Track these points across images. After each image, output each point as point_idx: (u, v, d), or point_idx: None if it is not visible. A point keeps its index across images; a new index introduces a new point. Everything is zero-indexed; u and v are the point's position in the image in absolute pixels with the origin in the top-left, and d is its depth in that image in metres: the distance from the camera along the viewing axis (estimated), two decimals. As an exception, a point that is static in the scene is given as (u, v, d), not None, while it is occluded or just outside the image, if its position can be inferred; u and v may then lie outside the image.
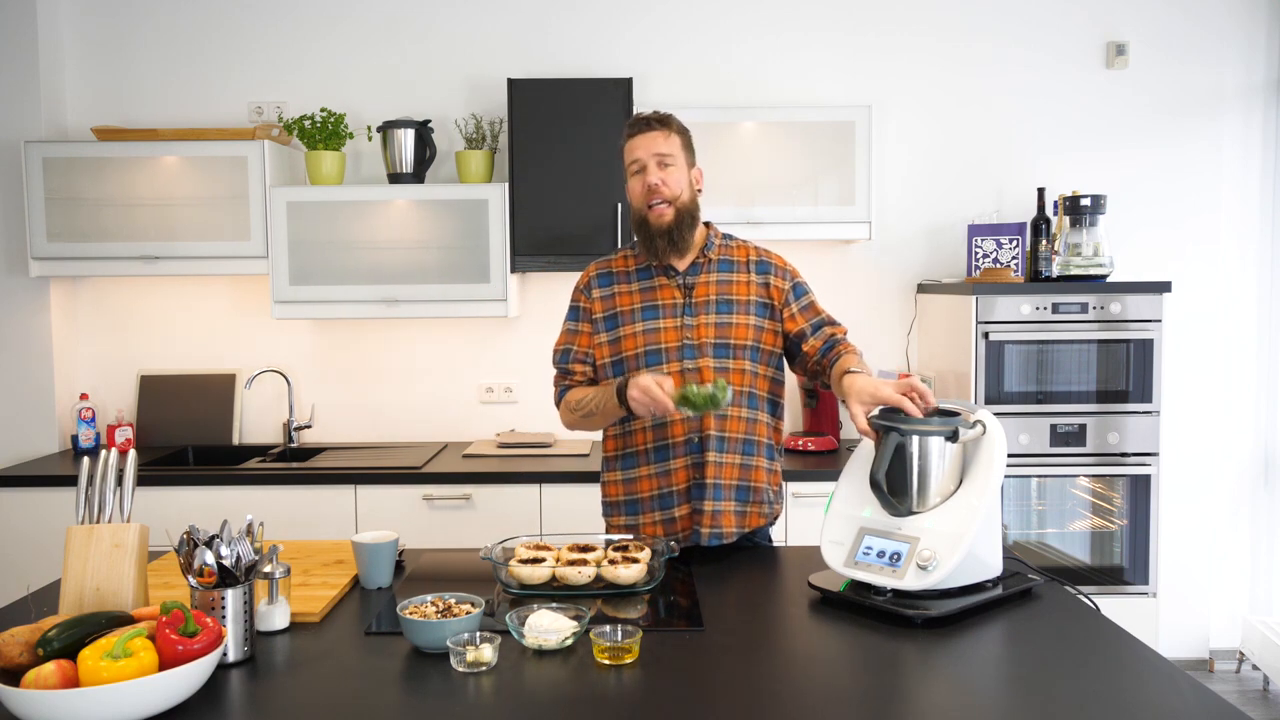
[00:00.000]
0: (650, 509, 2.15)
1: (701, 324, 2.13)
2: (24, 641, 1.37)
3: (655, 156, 2.10)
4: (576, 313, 2.23)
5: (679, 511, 2.13)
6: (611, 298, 2.19)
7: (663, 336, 2.13)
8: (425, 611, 1.57)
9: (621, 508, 2.19)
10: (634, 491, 2.17)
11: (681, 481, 2.12)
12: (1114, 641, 1.58)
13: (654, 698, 1.39)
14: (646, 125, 2.11)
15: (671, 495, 2.13)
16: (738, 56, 3.70)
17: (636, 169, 2.12)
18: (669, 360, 2.11)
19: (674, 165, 2.12)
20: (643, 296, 2.17)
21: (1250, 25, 3.68)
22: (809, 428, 3.62)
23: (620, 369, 2.15)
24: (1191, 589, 3.73)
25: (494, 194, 3.39)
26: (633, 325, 2.15)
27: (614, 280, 2.21)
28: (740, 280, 2.17)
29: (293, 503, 3.15)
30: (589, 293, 2.22)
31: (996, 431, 1.78)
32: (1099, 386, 3.27)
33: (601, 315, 2.19)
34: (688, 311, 2.13)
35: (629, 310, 2.16)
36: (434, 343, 3.76)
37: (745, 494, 2.15)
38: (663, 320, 2.14)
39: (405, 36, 3.70)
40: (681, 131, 2.16)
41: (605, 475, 2.23)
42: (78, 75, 3.69)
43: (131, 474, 1.66)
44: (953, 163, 3.73)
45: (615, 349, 2.16)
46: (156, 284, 3.74)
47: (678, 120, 2.17)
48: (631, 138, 2.13)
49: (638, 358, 2.13)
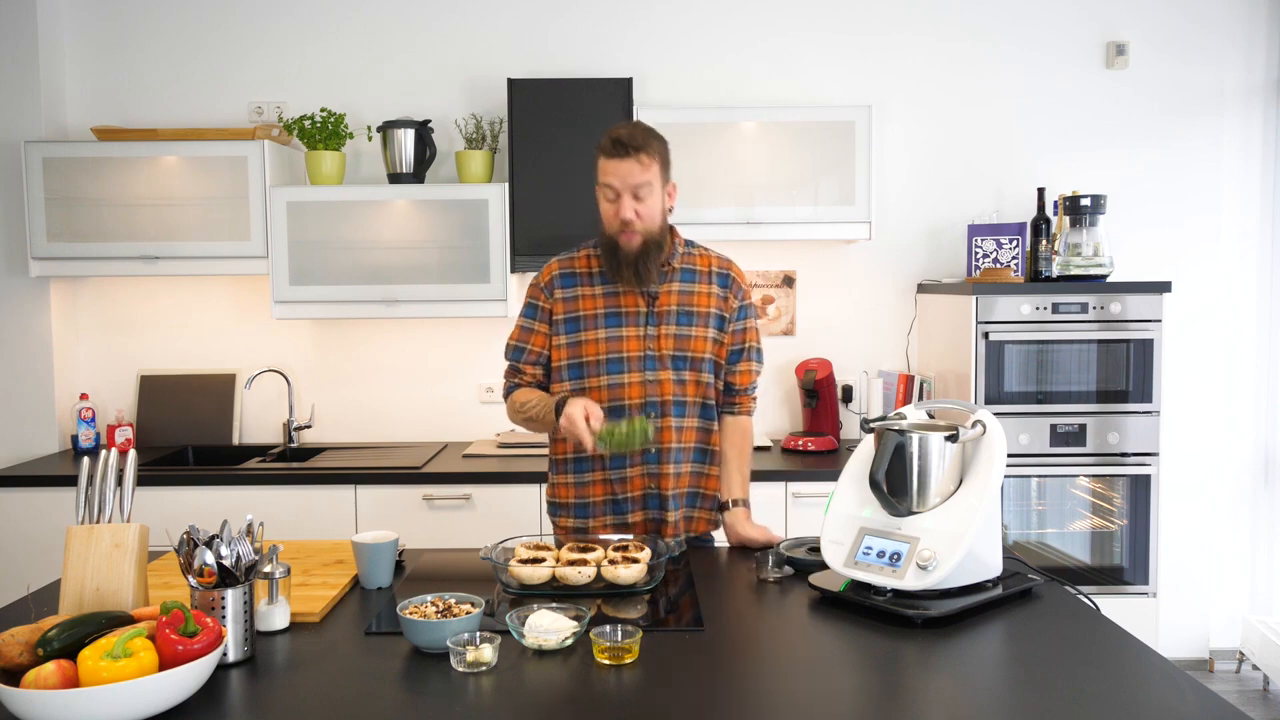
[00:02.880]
0: (601, 513, 2.17)
1: (663, 334, 2.13)
2: (24, 641, 1.37)
3: (631, 188, 2.04)
4: (534, 311, 2.19)
5: (632, 518, 2.15)
6: (574, 300, 2.16)
7: (625, 345, 2.12)
8: (425, 611, 1.57)
9: (570, 510, 2.19)
10: (585, 495, 2.17)
11: (636, 489, 2.15)
12: (1114, 641, 1.58)
13: (654, 698, 1.39)
14: (624, 152, 2.02)
15: (625, 501, 2.15)
16: (738, 56, 3.70)
17: (611, 196, 2.07)
18: (630, 369, 2.11)
19: (650, 196, 2.06)
20: (606, 302, 2.14)
21: (1250, 25, 3.68)
22: (809, 428, 3.62)
23: (579, 373, 2.14)
24: (1191, 589, 3.73)
25: (494, 194, 3.39)
26: (595, 331, 2.13)
27: (577, 281, 2.17)
28: (701, 291, 2.17)
29: (293, 503, 3.15)
30: (550, 292, 2.18)
31: (996, 431, 1.78)
32: (1099, 386, 3.26)
33: (562, 317, 2.16)
34: (650, 321, 2.13)
35: (591, 315, 2.14)
36: (434, 343, 3.76)
37: (694, 500, 2.20)
38: (625, 329, 2.12)
39: (405, 36, 3.70)
40: (660, 152, 2.07)
41: (555, 477, 2.22)
42: (78, 75, 3.69)
43: (131, 474, 1.66)
44: (953, 163, 3.73)
45: (575, 352, 2.14)
46: (156, 284, 3.74)
47: (656, 139, 2.07)
48: (608, 160, 2.05)
49: (599, 364, 2.12)
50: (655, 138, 2.08)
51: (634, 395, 2.11)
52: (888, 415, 1.91)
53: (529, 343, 2.20)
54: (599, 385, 2.12)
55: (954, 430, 1.76)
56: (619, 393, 2.10)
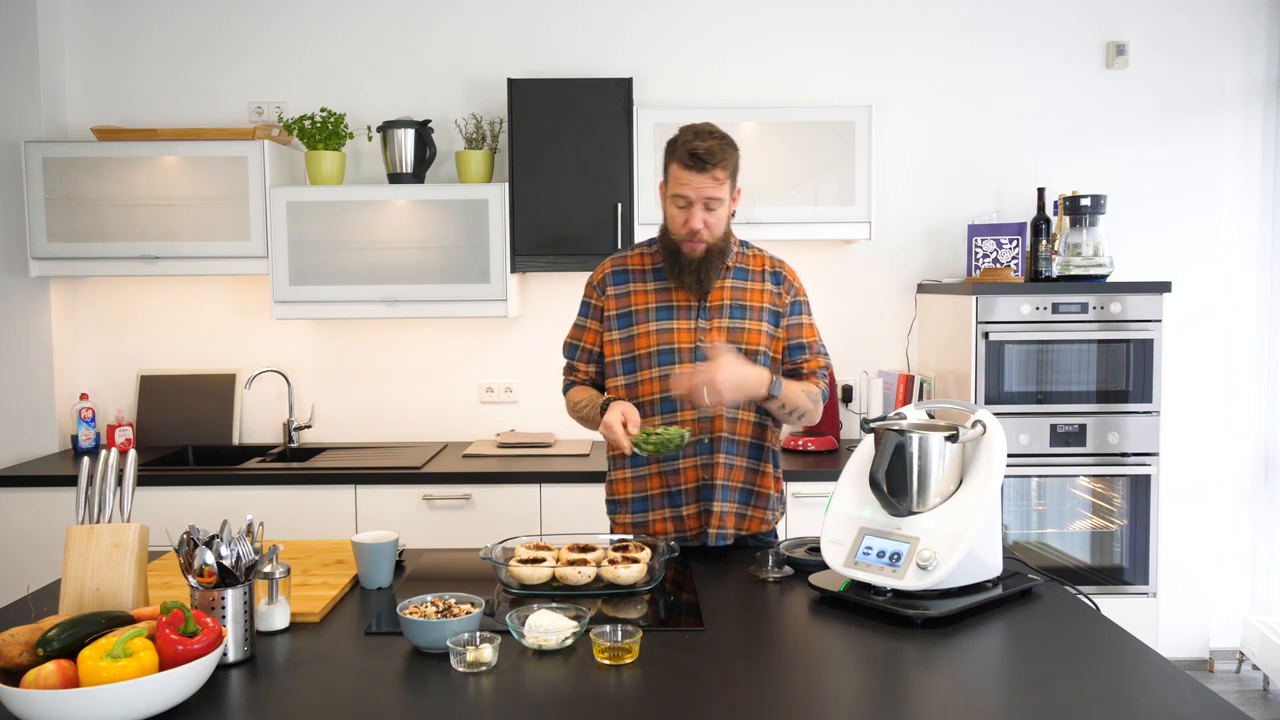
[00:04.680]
0: (659, 506, 2.17)
1: (715, 327, 2.13)
2: (24, 641, 1.37)
3: (704, 199, 2.04)
4: (587, 309, 2.24)
5: (687, 510, 2.15)
6: (626, 295, 2.18)
7: (676, 337, 2.13)
8: (425, 611, 1.57)
9: (629, 505, 2.20)
10: (643, 489, 2.18)
11: (690, 481, 2.14)
12: (1114, 641, 1.58)
13: (654, 698, 1.39)
14: (702, 166, 2.01)
15: (680, 494, 2.15)
16: (737, 56, 3.70)
17: (682, 204, 2.06)
18: (681, 360, 2.11)
19: (720, 207, 2.06)
20: (658, 297, 2.16)
21: (1250, 25, 3.68)
22: (809, 428, 3.61)
23: (632, 367, 2.16)
24: (1191, 589, 3.73)
25: (494, 194, 3.39)
26: (646, 324, 2.15)
27: (629, 278, 2.20)
28: (755, 288, 2.18)
29: (293, 503, 3.15)
30: (603, 290, 2.22)
31: (996, 431, 1.78)
32: (1099, 386, 3.26)
33: (615, 313, 2.19)
34: (702, 314, 2.14)
35: (644, 309, 2.16)
36: (434, 343, 3.76)
37: (748, 497, 2.19)
38: (676, 321, 2.14)
39: (405, 36, 3.70)
40: (734, 164, 2.07)
41: (613, 474, 2.24)
42: (78, 75, 3.69)
43: (131, 474, 1.66)
44: (953, 163, 3.73)
45: (628, 346, 2.16)
46: (156, 284, 3.74)
47: (732, 150, 2.06)
48: (685, 170, 2.03)
49: (650, 356, 2.14)
50: (731, 148, 2.06)
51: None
52: (888, 415, 1.91)
53: (581, 340, 2.24)
54: (650, 377, 2.13)
55: (954, 430, 1.76)
56: (670, 384, 2.11)
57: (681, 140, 2.05)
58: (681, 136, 2.06)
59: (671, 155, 2.07)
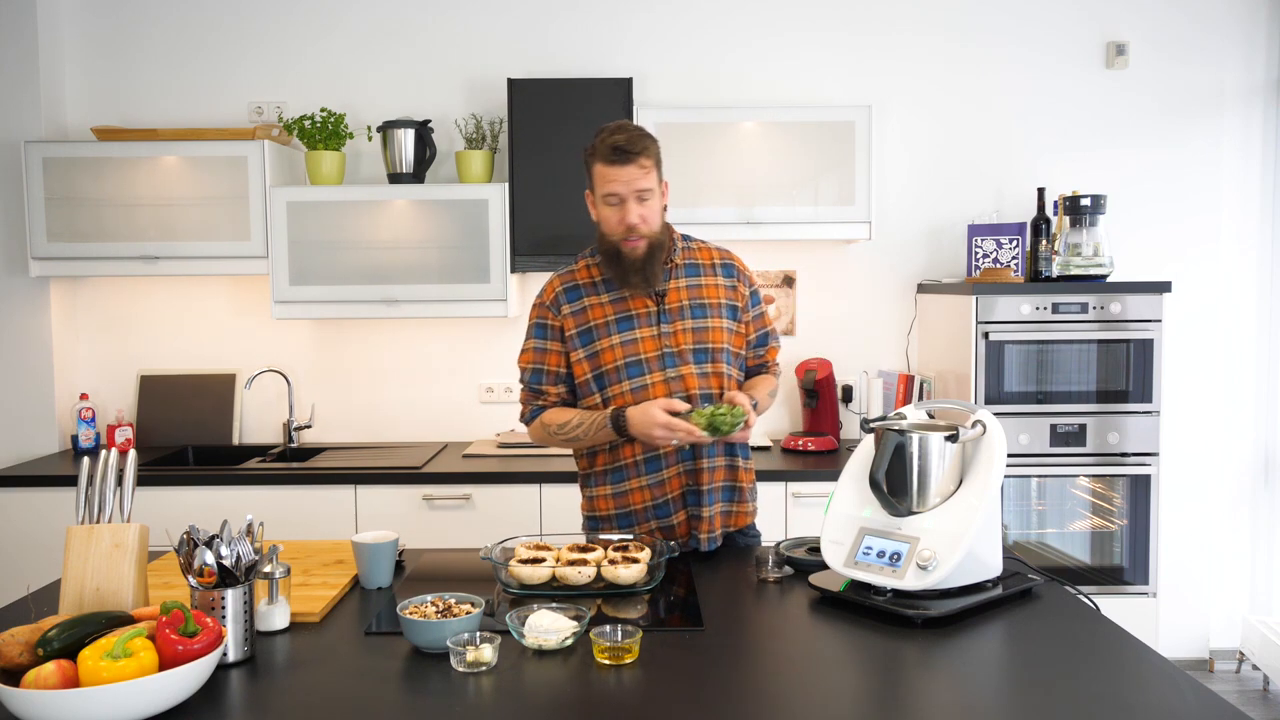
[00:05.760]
0: (646, 519, 2.14)
1: (678, 329, 2.11)
2: (24, 641, 1.37)
3: (635, 192, 2.03)
4: (544, 330, 2.17)
5: (676, 519, 2.13)
6: (583, 311, 2.13)
7: (641, 347, 2.09)
8: (425, 611, 1.57)
9: (613, 521, 2.17)
10: (626, 504, 2.15)
11: (675, 489, 2.13)
12: (1114, 641, 1.58)
13: (654, 698, 1.39)
14: (626, 158, 2.00)
15: (667, 504, 2.13)
16: (737, 56, 3.70)
17: (614, 201, 2.05)
18: (650, 370, 2.09)
19: (652, 198, 2.05)
20: (615, 308, 2.12)
21: (1250, 25, 3.68)
22: (809, 428, 3.61)
23: (602, 383, 2.11)
24: (1191, 589, 3.73)
25: (494, 194, 3.39)
26: (609, 338, 2.11)
27: (582, 293, 2.15)
28: (709, 283, 2.17)
29: (293, 503, 3.15)
30: (557, 309, 2.15)
31: (996, 431, 1.78)
32: (1099, 386, 3.26)
33: (575, 330, 2.13)
34: (663, 319, 2.11)
35: (603, 323, 2.12)
36: (434, 343, 3.76)
37: (731, 494, 2.19)
38: (639, 330, 2.10)
39: (405, 36, 3.70)
40: (656, 152, 2.07)
41: (592, 490, 2.20)
42: (78, 75, 3.69)
43: (131, 474, 1.66)
44: (953, 163, 3.73)
45: (595, 363, 2.11)
46: (156, 284, 3.74)
47: (651, 140, 2.06)
48: (609, 166, 2.02)
49: (619, 370, 2.09)
50: (649, 138, 2.06)
51: (659, 395, 2.07)
52: (888, 415, 1.91)
53: (545, 363, 2.17)
54: (622, 391, 2.09)
55: (954, 430, 1.76)
56: (643, 395, 2.07)
57: (599, 140, 2.05)
58: (598, 136, 2.06)
59: (594, 157, 2.06)
